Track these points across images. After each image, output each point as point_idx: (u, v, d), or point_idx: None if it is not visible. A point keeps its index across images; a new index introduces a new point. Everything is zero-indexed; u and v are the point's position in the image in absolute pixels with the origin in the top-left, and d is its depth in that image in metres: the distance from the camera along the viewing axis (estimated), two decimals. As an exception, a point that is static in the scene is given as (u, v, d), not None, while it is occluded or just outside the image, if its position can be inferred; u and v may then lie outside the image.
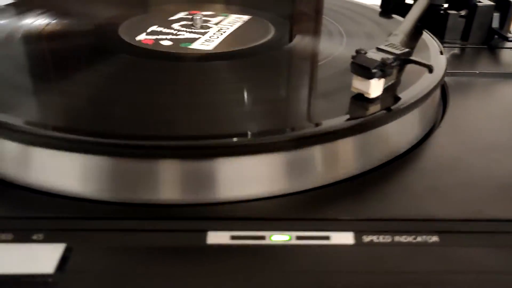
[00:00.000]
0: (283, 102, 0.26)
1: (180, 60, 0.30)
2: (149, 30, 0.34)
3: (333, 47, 0.32)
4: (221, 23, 0.36)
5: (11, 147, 0.21)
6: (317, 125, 0.22)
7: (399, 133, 0.25)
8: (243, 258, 0.18)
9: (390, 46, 0.26)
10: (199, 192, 0.20)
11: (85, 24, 0.35)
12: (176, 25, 0.36)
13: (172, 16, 0.38)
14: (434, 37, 0.34)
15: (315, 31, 0.36)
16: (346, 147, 0.23)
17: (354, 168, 0.23)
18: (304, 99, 0.26)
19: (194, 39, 0.33)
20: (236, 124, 0.23)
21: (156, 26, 0.35)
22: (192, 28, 0.35)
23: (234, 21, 0.37)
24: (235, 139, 0.20)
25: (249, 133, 0.21)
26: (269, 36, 0.34)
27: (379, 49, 0.25)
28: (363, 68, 0.24)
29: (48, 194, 0.21)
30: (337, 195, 0.21)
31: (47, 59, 0.30)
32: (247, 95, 0.26)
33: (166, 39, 0.33)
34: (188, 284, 0.17)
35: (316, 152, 0.22)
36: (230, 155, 0.20)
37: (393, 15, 0.40)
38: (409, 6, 0.45)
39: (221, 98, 0.25)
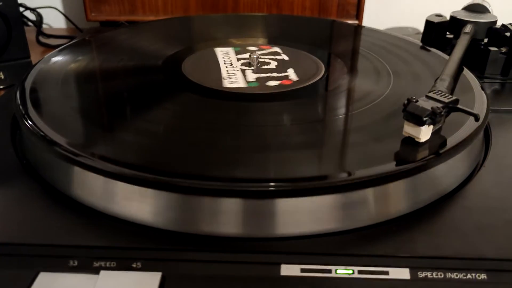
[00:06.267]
0: (336, 147, 0.28)
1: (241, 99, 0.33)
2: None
3: (382, 88, 0.34)
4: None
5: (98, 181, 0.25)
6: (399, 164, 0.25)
7: (447, 174, 0.27)
8: (312, 288, 0.21)
9: (438, 94, 0.28)
10: (272, 228, 0.23)
11: (149, 61, 0.39)
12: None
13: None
14: (475, 76, 0.36)
15: (362, 70, 0.39)
16: (398, 188, 0.25)
17: (405, 207, 0.26)
18: (358, 143, 0.28)
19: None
20: (294, 167, 0.25)
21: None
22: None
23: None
24: (304, 183, 0.23)
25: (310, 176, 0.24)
26: (318, 77, 0.37)
27: (428, 97, 0.28)
28: (414, 116, 0.26)
29: (126, 223, 0.24)
30: (392, 233, 0.24)
31: (115, 97, 0.34)
32: (300, 139, 0.29)
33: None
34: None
35: (372, 193, 0.25)
36: (298, 196, 0.23)
37: (434, 50, 0.43)
38: (449, 39, 0.47)
39: (274, 141, 0.28)
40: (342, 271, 0.22)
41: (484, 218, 0.25)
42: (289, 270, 0.22)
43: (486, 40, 0.45)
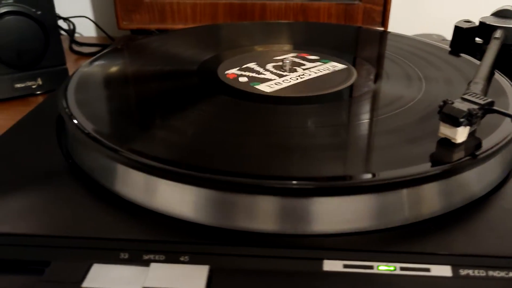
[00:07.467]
0: (373, 148, 0.29)
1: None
2: (242, 66, 0.40)
3: (414, 92, 0.35)
4: (312, 68, 0.40)
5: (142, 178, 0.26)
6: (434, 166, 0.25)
7: (484, 175, 0.28)
8: (354, 284, 0.22)
9: (473, 96, 0.28)
10: (314, 225, 0.24)
11: (185, 66, 0.40)
12: (269, 66, 0.40)
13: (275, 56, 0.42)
14: (508, 79, 0.37)
15: (394, 75, 0.39)
16: (434, 189, 0.26)
17: (441, 207, 0.26)
18: (393, 144, 0.29)
19: (266, 80, 0.37)
20: (333, 167, 0.26)
21: (251, 64, 0.40)
22: (280, 70, 0.39)
23: (325, 68, 0.40)
24: (343, 182, 0.24)
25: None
26: (351, 81, 0.37)
27: (464, 99, 0.28)
28: (451, 117, 0.27)
29: (170, 218, 0.25)
30: (430, 232, 0.24)
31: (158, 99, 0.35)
32: (336, 140, 0.29)
33: (245, 76, 0.38)
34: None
35: (409, 193, 0.25)
36: (337, 195, 0.24)
37: (464, 55, 0.43)
38: (478, 45, 0.47)
39: (314, 142, 0.29)
40: (384, 268, 0.22)
41: (521, 219, 0.25)
42: (331, 265, 0.22)
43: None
